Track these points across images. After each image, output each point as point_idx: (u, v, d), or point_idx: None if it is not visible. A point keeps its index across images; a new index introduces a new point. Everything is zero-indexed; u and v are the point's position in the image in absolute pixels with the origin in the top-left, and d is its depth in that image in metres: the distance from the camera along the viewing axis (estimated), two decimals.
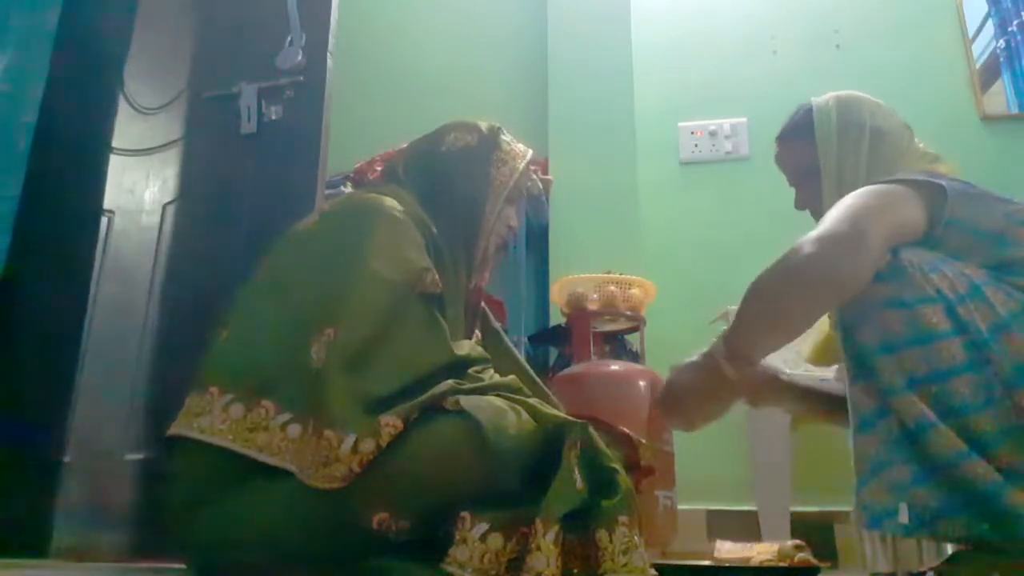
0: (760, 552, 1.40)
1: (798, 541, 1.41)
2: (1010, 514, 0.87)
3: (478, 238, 1.24)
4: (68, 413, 1.83)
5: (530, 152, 1.33)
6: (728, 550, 1.46)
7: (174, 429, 1.00)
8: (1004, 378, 0.91)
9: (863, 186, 1.13)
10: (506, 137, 1.31)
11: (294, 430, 0.95)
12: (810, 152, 1.27)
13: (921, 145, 1.28)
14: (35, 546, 1.69)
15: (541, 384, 1.33)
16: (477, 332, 1.34)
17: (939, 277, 0.98)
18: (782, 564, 1.35)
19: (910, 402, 0.93)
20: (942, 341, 0.94)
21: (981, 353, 0.93)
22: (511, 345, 1.42)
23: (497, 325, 1.42)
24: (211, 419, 0.97)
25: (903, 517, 0.92)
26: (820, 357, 1.37)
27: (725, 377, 1.05)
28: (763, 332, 1.06)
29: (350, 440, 0.89)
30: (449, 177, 1.25)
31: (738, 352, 1.05)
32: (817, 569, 1.34)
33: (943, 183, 1.06)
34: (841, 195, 1.12)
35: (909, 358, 0.95)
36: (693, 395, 1.10)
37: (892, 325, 0.97)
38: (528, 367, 1.36)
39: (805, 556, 1.35)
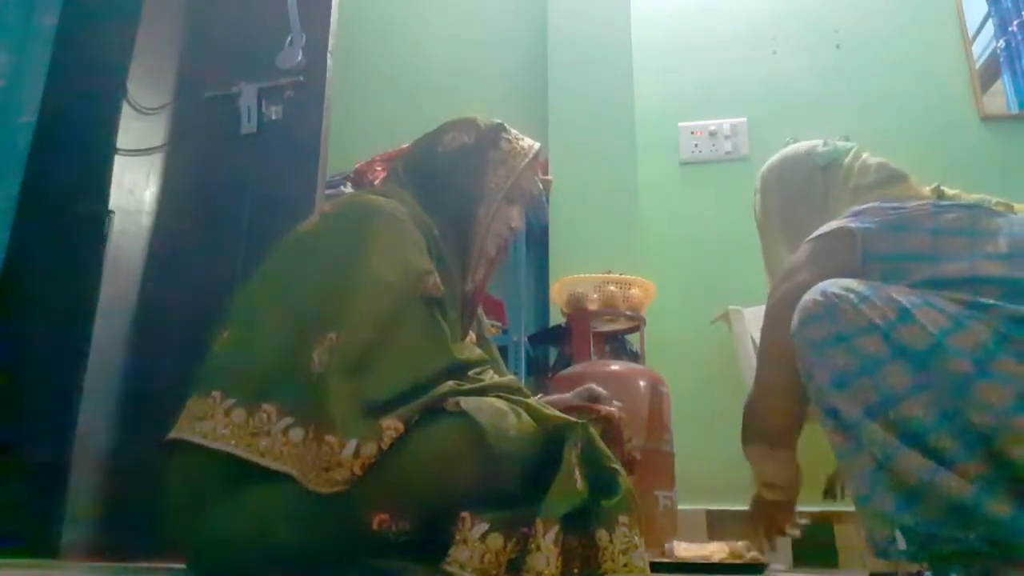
0: (714, 552, 1.45)
1: (746, 541, 1.47)
2: (992, 522, 0.87)
3: (473, 239, 1.23)
4: (68, 413, 1.82)
5: (535, 147, 1.30)
6: (685, 549, 1.48)
7: (175, 432, 0.99)
8: (949, 395, 0.93)
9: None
10: (507, 135, 1.28)
11: (296, 434, 0.94)
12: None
13: (870, 162, 1.35)
14: (36, 546, 1.69)
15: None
16: (472, 335, 1.33)
17: (869, 307, 1.00)
18: (764, 561, 1.40)
19: (872, 431, 0.95)
20: (886, 367, 0.96)
21: (923, 374, 0.94)
22: (499, 358, 1.42)
23: (489, 336, 1.42)
24: (214, 423, 0.96)
25: (902, 545, 0.92)
26: None
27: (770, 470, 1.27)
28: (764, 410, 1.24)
29: (352, 445, 0.89)
30: (445, 178, 1.24)
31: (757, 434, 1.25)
32: (766, 566, 1.43)
33: (852, 226, 1.13)
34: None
35: (860, 389, 0.97)
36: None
37: (837, 361, 1.00)
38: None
39: (755, 555, 1.43)
